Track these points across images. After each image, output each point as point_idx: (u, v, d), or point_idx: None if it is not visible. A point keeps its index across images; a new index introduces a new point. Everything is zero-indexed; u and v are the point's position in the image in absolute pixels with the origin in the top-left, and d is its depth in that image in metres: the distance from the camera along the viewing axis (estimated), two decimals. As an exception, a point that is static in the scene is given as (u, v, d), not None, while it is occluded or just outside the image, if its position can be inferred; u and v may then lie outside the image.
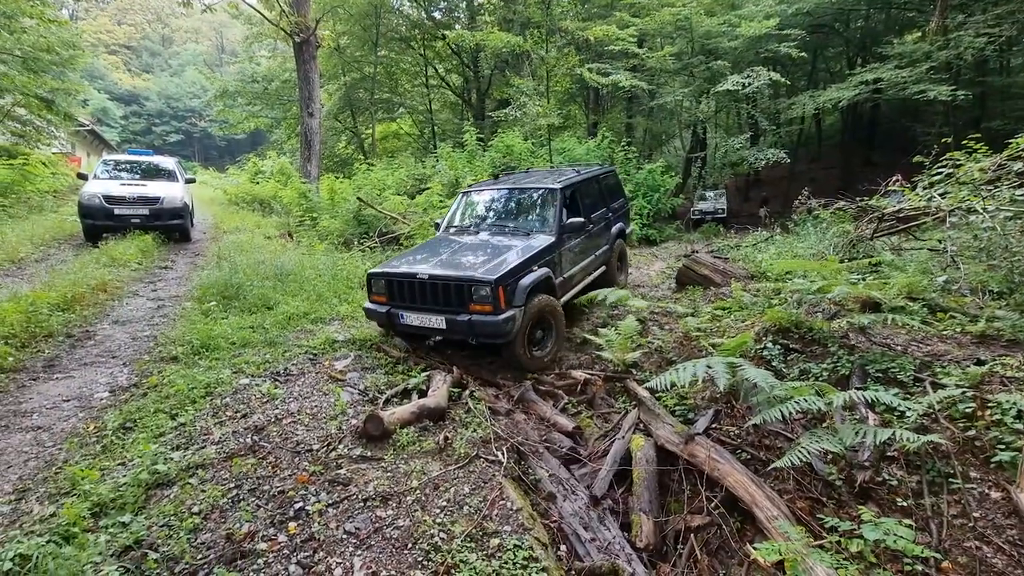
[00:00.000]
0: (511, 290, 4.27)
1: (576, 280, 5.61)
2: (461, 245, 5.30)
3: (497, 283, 4.14)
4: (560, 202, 5.42)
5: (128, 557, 2.15)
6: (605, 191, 6.72)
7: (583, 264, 5.75)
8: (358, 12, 18.36)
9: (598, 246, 6.21)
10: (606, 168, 7.38)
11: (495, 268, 4.38)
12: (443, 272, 4.46)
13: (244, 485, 2.68)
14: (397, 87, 22.25)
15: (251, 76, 21.90)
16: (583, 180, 6.20)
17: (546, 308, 4.65)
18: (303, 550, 2.27)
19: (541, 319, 4.66)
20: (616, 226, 6.78)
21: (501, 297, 4.15)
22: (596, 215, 6.17)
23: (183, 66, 51.83)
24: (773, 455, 3.14)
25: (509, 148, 15.67)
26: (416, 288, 4.49)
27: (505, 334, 4.21)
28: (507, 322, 4.15)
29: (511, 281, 4.29)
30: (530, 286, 4.42)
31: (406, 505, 2.59)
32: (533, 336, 4.66)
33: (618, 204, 7.05)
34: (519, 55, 18.75)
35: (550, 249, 4.97)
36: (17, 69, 13.87)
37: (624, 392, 4.32)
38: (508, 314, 4.17)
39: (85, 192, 8.82)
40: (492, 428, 3.49)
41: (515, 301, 4.29)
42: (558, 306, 4.86)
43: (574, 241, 5.49)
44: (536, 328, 4.67)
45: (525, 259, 4.61)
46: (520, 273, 4.42)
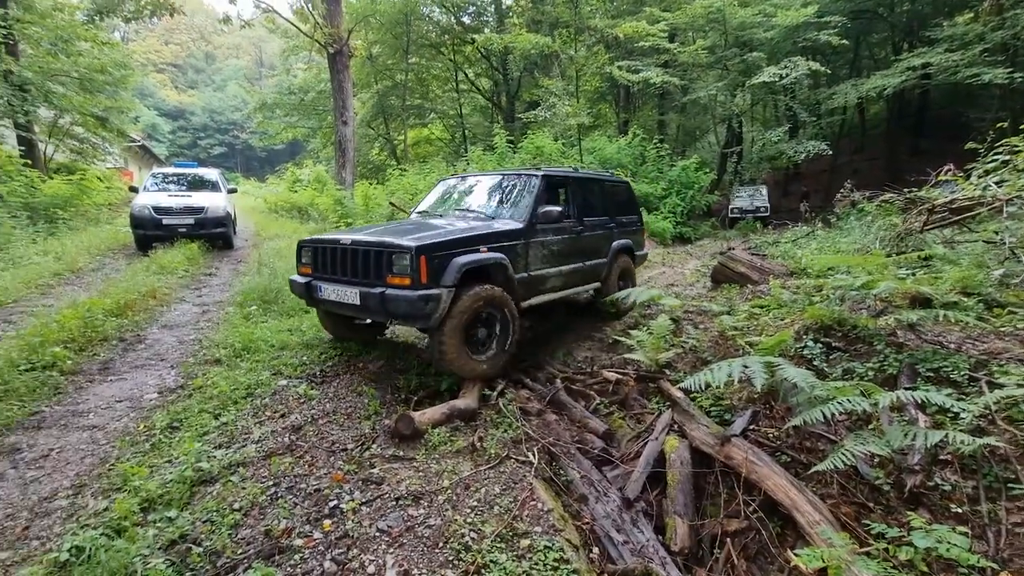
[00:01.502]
0: (438, 264, 3.63)
1: (551, 284, 4.81)
2: (413, 223, 4.85)
3: (419, 252, 3.54)
4: (538, 190, 4.78)
5: (174, 550, 2.24)
6: (610, 201, 6.00)
7: (565, 269, 4.96)
8: (389, 21, 18.74)
9: (590, 255, 5.42)
10: (616, 178, 6.61)
11: (425, 237, 3.79)
12: (366, 238, 3.92)
13: (282, 483, 2.76)
14: (428, 93, 22.59)
15: (288, 88, 22.66)
16: (577, 178, 5.61)
17: (491, 301, 3.94)
18: (337, 547, 2.31)
19: (486, 316, 4.02)
20: (619, 242, 5.93)
21: (423, 269, 3.53)
22: (592, 220, 5.50)
23: (225, 81, 54.12)
24: (815, 458, 3.01)
25: (539, 149, 15.66)
26: (338, 256, 4.02)
27: (423, 315, 3.56)
28: (425, 301, 3.51)
29: (441, 254, 3.66)
30: (469, 267, 3.77)
31: (437, 504, 2.61)
32: (473, 334, 3.97)
33: (627, 220, 6.26)
34: (548, 56, 18.73)
35: (513, 235, 4.33)
36: (75, 90, 14.78)
37: (657, 393, 4.23)
38: (430, 292, 3.53)
39: (136, 204, 9.32)
40: (523, 429, 3.49)
41: (444, 279, 3.64)
42: (510, 304, 4.11)
43: (552, 237, 4.78)
44: (478, 325, 4.01)
45: (470, 236, 4.02)
46: (457, 249, 3.79)
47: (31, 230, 9.59)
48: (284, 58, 24.82)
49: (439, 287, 3.61)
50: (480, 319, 3.98)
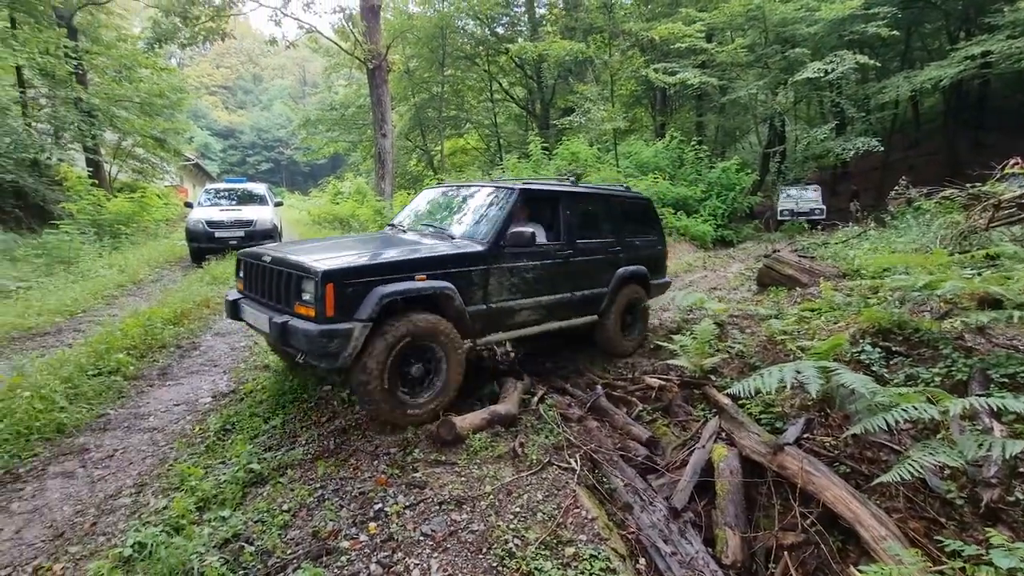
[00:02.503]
0: (353, 294, 3.06)
1: (522, 318, 4.10)
2: (367, 239, 4.45)
3: (327, 278, 2.99)
4: (511, 207, 4.06)
5: (228, 549, 2.31)
6: (619, 219, 5.06)
7: (544, 301, 4.21)
8: (425, 35, 19.17)
9: (582, 284, 4.60)
10: (631, 193, 5.60)
11: (345, 259, 3.31)
12: (286, 255, 3.40)
13: (328, 485, 2.81)
14: (463, 104, 22.92)
15: (330, 104, 23.49)
16: (571, 193, 4.66)
17: (426, 334, 3.31)
18: (382, 550, 2.33)
19: (421, 349, 3.38)
20: (628, 268, 4.98)
21: (328, 299, 2.98)
22: (588, 243, 4.66)
23: (271, 100, 56.65)
24: (877, 469, 2.84)
25: (575, 155, 15.62)
26: (260, 274, 3.59)
27: (326, 355, 2.98)
28: (329, 338, 2.93)
29: (357, 281, 3.10)
30: (395, 297, 3.17)
31: (480, 510, 2.60)
32: (405, 372, 3.37)
33: (641, 242, 5.27)
34: (582, 62, 18.71)
35: (468, 260, 3.67)
36: (136, 114, 15.79)
37: (703, 399, 4.10)
38: (336, 328, 2.96)
39: (191, 219, 9.84)
40: (564, 435, 3.44)
41: (359, 312, 3.05)
42: (452, 337, 3.45)
43: (525, 263, 4.05)
44: (413, 360, 3.39)
45: (403, 260, 3.45)
46: (383, 275, 3.22)
47: (98, 245, 10.25)
48: (326, 76, 25.77)
49: (351, 321, 3.02)
50: (415, 354, 3.39)
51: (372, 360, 3.10)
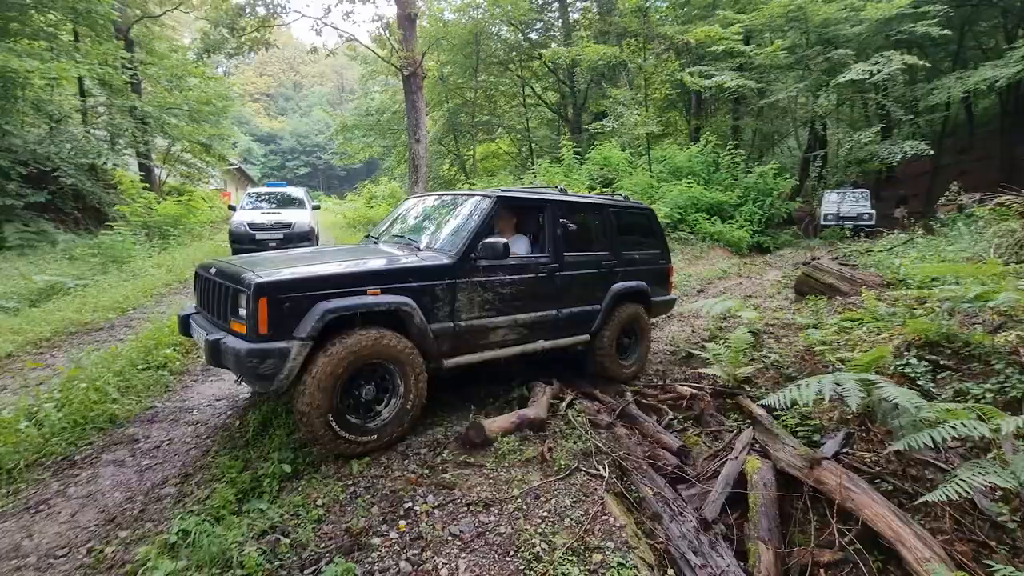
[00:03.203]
0: (291, 309, 2.78)
1: (497, 338, 3.76)
2: (330, 252, 4.18)
3: (260, 291, 2.72)
4: (485, 217, 3.73)
5: (265, 540, 2.40)
6: (616, 232, 4.69)
7: (523, 319, 3.87)
8: (460, 42, 19.43)
9: (570, 300, 4.23)
10: (631, 204, 5.13)
11: (286, 271, 3.00)
12: (229, 268, 3.16)
13: (360, 483, 2.88)
14: (496, 109, 23.10)
15: (366, 110, 24.05)
16: (559, 202, 4.28)
17: (378, 353, 3.02)
18: (412, 548, 2.38)
19: (371, 368, 3.10)
20: (624, 284, 4.61)
21: (261, 315, 2.71)
22: (577, 257, 4.29)
23: (310, 107, 58.38)
24: (922, 488, 2.72)
25: (606, 159, 15.53)
26: (206, 288, 3.37)
27: (258, 376, 2.74)
28: (260, 358, 2.68)
29: (296, 296, 2.81)
30: (340, 313, 2.89)
31: (508, 513, 2.61)
32: (354, 394, 3.08)
33: (641, 256, 4.89)
34: (615, 66, 18.59)
35: (432, 273, 3.35)
36: (185, 121, 16.56)
37: (736, 409, 4.02)
38: (268, 347, 2.70)
39: (233, 221, 10.25)
40: (593, 441, 3.42)
41: (297, 329, 2.78)
42: (412, 359, 3.17)
43: (501, 277, 3.71)
44: (364, 383, 3.10)
45: (350, 272, 3.18)
46: (328, 289, 2.93)
47: (148, 245, 10.79)
48: (363, 83, 26.42)
49: (288, 340, 2.76)
50: (367, 374, 3.10)
51: (314, 383, 2.81)
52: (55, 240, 10.60)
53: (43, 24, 11.49)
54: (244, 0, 11.69)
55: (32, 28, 11.21)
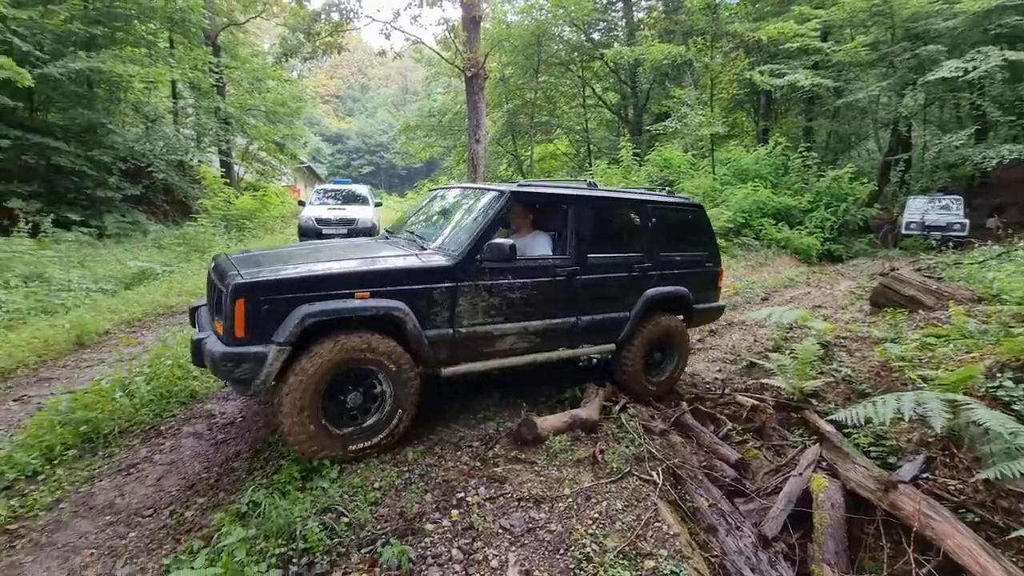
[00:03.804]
0: (270, 312, 2.68)
1: (510, 346, 3.50)
2: (336, 248, 3.95)
3: (236, 292, 2.64)
4: (495, 214, 3.45)
5: (326, 517, 2.52)
6: (653, 231, 4.18)
7: (535, 326, 3.55)
8: (522, 43, 19.55)
9: (594, 308, 3.85)
10: (675, 200, 4.56)
11: (269, 272, 2.88)
12: (224, 264, 3.13)
13: (415, 470, 2.97)
14: (555, 109, 23.06)
15: (428, 111, 24.68)
16: (584, 197, 3.89)
17: (363, 359, 2.88)
18: (463, 537, 2.42)
19: (363, 374, 2.98)
20: (659, 289, 4.14)
21: (239, 317, 2.63)
22: (602, 259, 3.88)
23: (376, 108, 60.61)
24: (1015, 522, 2.48)
25: (667, 161, 15.15)
26: (209, 282, 3.36)
27: (235, 381, 2.69)
28: (236, 362, 2.62)
29: (276, 298, 2.71)
30: (322, 318, 2.76)
31: (558, 511, 2.61)
32: (339, 400, 2.96)
33: (683, 257, 4.37)
34: (680, 65, 18.09)
35: (427, 276, 3.12)
36: (262, 121, 17.63)
37: (801, 424, 3.82)
38: (244, 350, 2.63)
39: (302, 216, 10.83)
40: (647, 447, 3.35)
41: (275, 333, 2.68)
42: (403, 364, 3.00)
43: (509, 280, 3.40)
44: (350, 388, 2.98)
45: (336, 274, 2.99)
46: (308, 291, 2.78)
47: (226, 237, 11.57)
48: (426, 84, 27.13)
49: (266, 343, 2.66)
50: (353, 380, 2.97)
51: (293, 388, 2.72)
52: (147, 230, 11.59)
53: (144, 32, 12.58)
54: (320, 6, 12.32)
55: (135, 36, 12.30)
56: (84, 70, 10.38)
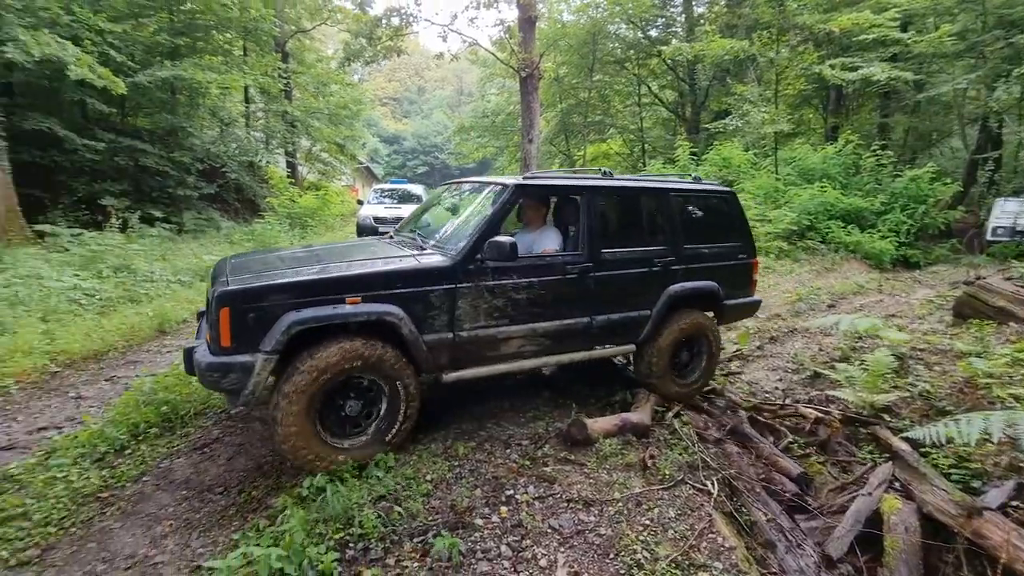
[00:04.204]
0: (255, 320, 2.59)
1: (517, 349, 3.34)
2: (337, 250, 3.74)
3: (221, 301, 2.57)
4: (499, 209, 3.28)
5: (380, 505, 2.61)
6: (673, 220, 3.90)
7: (545, 327, 3.37)
8: (577, 42, 19.42)
9: (610, 307, 3.63)
10: (702, 187, 4.23)
11: (255, 278, 2.82)
12: (219, 269, 3.16)
13: (465, 465, 3.02)
14: (609, 108, 22.76)
15: (482, 112, 24.97)
16: (595, 188, 3.61)
17: (357, 365, 2.76)
18: (512, 534, 2.44)
19: (362, 383, 2.90)
20: (684, 285, 3.87)
21: (224, 325, 2.56)
22: (619, 253, 3.63)
23: (431, 110, 61.99)
24: (1125, 561, 2.23)
25: (726, 160, 14.60)
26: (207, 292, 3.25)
27: (225, 391, 2.66)
28: (220, 371, 2.56)
29: (259, 305, 2.61)
30: (311, 325, 2.65)
31: (608, 515, 2.58)
32: (338, 409, 2.89)
33: (711, 250, 4.07)
34: (742, 61, 17.38)
35: (423, 278, 2.98)
36: (325, 123, 18.42)
37: (871, 441, 3.59)
38: (229, 360, 2.56)
39: (360, 214, 11.27)
40: (700, 455, 3.25)
41: (263, 342, 2.59)
42: (402, 372, 2.90)
43: (514, 280, 3.22)
44: (350, 397, 2.91)
45: (325, 279, 2.82)
46: (296, 297, 2.68)
47: (290, 233, 12.18)
48: (480, 86, 27.45)
49: (253, 353, 2.58)
50: (351, 388, 2.89)
51: (286, 399, 2.64)
52: (219, 226, 12.39)
53: (221, 41, 13.44)
54: (381, 12, 12.72)
55: (213, 45, 13.17)
56: (169, 78, 11.22)
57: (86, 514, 2.68)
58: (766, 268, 9.60)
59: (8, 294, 5.90)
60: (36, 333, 5.08)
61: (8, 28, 8.15)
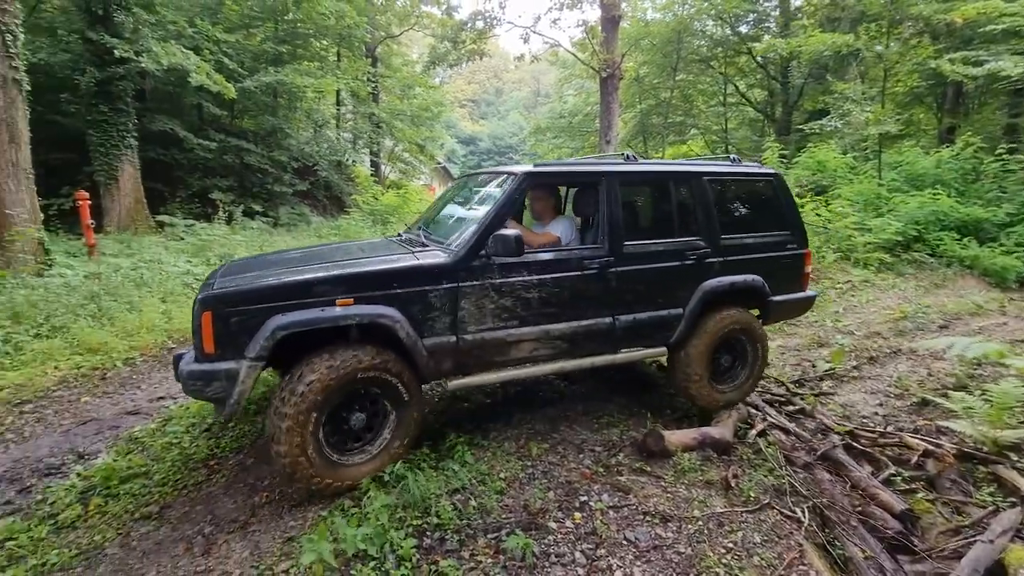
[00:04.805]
0: (238, 325, 2.45)
1: (529, 354, 3.09)
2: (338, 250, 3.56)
3: (204, 305, 2.46)
4: (502, 203, 3.02)
5: (456, 498, 2.67)
6: (707, 208, 3.52)
7: (562, 330, 3.11)
8: (660, 41, 18.88)
9: (635, 305, 3.32)
10: (741, 169, 3.82)
11: (243, 280, 2.68)
12: (215, 270, 3.11)
13: (538, 466, 3.02)
14: (692, 109, 21.95)
15: (559, 113, 24.94)
16: (617, 174, 3.30)
17: (358, 376, 2.59)
18: (586, 541, 2.41)
19: (368, 393, 2.72)
20: (722, 280, 3.52)
21: (206, 331, 2.43)
22: (644, 246, 3.33)
23: (508, 111, 62.80)
24: None
25: (820, 164, 13.59)
26: None
27: (210, 400, 2.53)
28: (203, 380, 2.44)
29: (243, 309, 2.46)
30: (296, 329, 2.48)
31: (687, 533, 2.48)
32: (339, 423, 2.71)
33: (755, 241, 3.69)
34: (843, 56, 16.08)
35: (420, 277, 2.76)
36: (407, 125, 19.19)
37: (993, 481, 3.20)
38: (210, 367, 2.44)
39: (438, 213, 11.63)
40: (789, 479, 3.05)
41: (248, 348, 2.45)
42: (404, 378, 2.73)
43: (525, 278, 2.98)
44: (356, 408, 2.73)
45: (310, 280, 2.61)
46: (281, 300, 2.51)
47: (373, 229, 12.81)
48: (558, 87, 27.40)
49: (238, 359, 2.44)
50: (359, 398, 2.72)
51: (283, 409, 2.48)
52: (309, 221, 13.27)
53: (318, 48, 14.39)
54: (467, 16, 13.05)
55: (311, 52, 14.14)
56: (272, 83, 12.17)
57: (195, 478, 2.96)
58: (864, 281, 8.86)
59: (135, 276, 6.66)
60: (157, 312, 5.69)
61: (144, 41, 9.19)
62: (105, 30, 8.88)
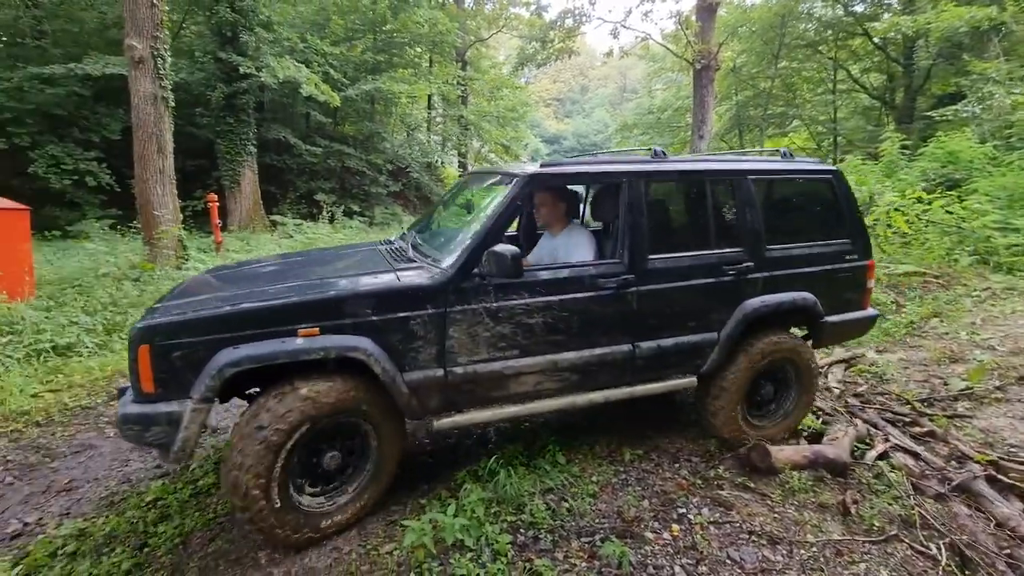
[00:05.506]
0: (181, 360, 2.10)
1: (532, 388, 2.65)
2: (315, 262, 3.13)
3: (140, 337, 2.10)
4: (503, 210, 2.56)
5: (548, 498, 2.67)
6: (751, 214, 3.00)
7: (571, 360, 2.66)
8: (761, 27, 17.68)
9: (660, 330, 2.84)
10: (793, 166, 3.31)
11: (189, 307, 2.27)
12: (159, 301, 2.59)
13: (631, 473, 2.94)
14: (794, 98, 20.33)
15: (647, 108, 24.21)
16: (641, 175, 2.80)
17: (331, 410, 2.23)
18: (686, 556, 2.31)
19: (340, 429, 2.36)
20: (765, 300, 3.00)
21: (144, 368, 2.09)
22: (671, 260, 2.82)
23: (593, 108, 61.98)
24: None
25: (952, 155, 12.00)
26: None
27: (151, 445, 2.14)
28: (140, 424, 2.09)
29: (186, 342, 2.11)
30: (248, 365, 2.10)
31: (800, 558, 2.29)
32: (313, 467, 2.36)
33: (806, 253, 3.14)
34: (984, 32, 14.08)
35: (401, 301, 2.34)
36: (494, 125, 19.58)
37: None
38: (152, 410, 2.09)
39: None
40: (919, 510, 2.72)
41: (191, 387, 2.10)
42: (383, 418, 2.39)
43: (526, 300, 2.52)
44: (325, 449, 2.36)
45: (275, 305, 2.22)
46: (232, 331, 2.14)
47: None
48: (647, 82, 26.62)
49: (180, 400, 2.11)
50: (331, 436, 2.36)
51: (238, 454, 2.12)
52: (401, 220, 13.95)
53: (412, 56, 15.08)
54: (555, 15, 13.05)
55: (406, 60, 14.85)
56: (371, 90, 12.94)
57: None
58: (1007, 289, 7.72)
59: (254, 271, 7.37)
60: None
61: (263, 57, 10.15)
62: (233, 49, 9.93)
